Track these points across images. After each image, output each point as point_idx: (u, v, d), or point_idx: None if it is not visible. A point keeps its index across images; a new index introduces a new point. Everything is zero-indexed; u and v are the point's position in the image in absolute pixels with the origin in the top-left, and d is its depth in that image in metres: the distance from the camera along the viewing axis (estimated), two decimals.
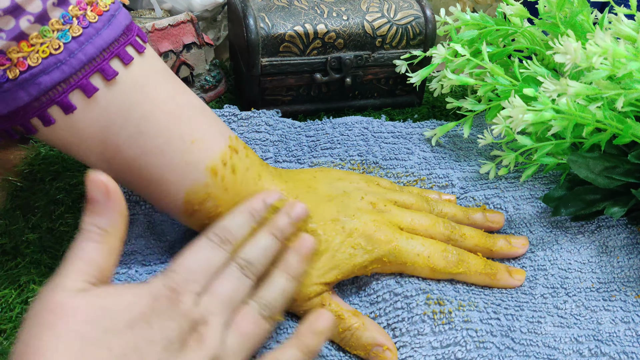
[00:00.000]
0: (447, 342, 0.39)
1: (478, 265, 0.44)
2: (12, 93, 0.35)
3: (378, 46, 0.61)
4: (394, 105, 0.66)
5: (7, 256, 0.45)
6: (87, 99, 0.36)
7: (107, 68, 0.36)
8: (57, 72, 0.35)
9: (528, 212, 0.50)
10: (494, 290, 0.44)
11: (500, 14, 0.57)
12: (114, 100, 0.37)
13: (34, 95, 0.35)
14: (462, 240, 0.45)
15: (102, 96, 0.37)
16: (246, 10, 0.58)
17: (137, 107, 0.38)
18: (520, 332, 0.40)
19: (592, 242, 0.47)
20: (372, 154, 0.55)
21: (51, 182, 0.52)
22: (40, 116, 0.36)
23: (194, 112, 0.40)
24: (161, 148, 0.38)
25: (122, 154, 0.38)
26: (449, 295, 0.42)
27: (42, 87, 0.35)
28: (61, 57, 0.35)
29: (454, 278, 0.44)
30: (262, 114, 0.58)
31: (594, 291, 0.44)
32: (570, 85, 0.44)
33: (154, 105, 0.38)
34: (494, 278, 0.44)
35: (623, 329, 0.41)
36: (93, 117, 0.37)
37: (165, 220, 0.48)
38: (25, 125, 0.37)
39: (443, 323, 0.40)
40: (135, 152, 0.38)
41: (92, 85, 0.36)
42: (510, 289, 0.44)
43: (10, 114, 0.36)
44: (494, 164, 0.53)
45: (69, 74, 0.35)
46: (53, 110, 0.36)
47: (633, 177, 0.46)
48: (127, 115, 0.37)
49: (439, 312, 0.40)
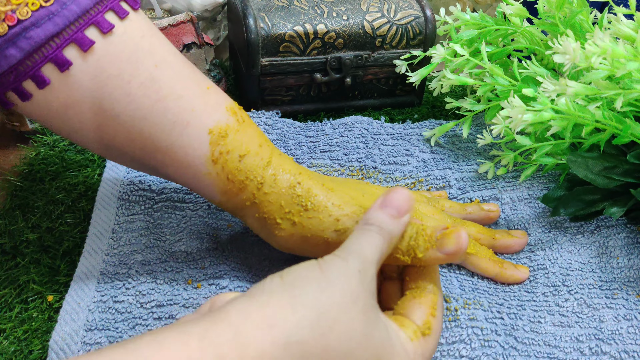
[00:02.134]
0: (452, 339, 0.39)
1: (487, 252, 0.45)
2: (3, 51, 0.33)
3: (378, 46, 0.61)
4: (394, 105, 0.66)
5: (7, 256, 0.46)
6: (84, 54, 0.35)
7: (102, 20, 0.35)
8: (50, 24, 0.33)
9: (527, 212, 0.50)
10: (498, 289, 0.44)
11: (500, 13, 0.57)
12: (119, 50, 0.36)
13: (26, 50, 0.33)
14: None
15: (101, 49, 0.35)
16: (246, 10, 0.58)
17: (148, 55, 0.37)
18: (523, 330, 0.41)
19: (592, 242, 0.47)
20: (371, 158, 0.56)
21: (51, 182, 0.52)
22: (34, 77, 0.34)
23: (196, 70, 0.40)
24: (179, 93, 0.38)
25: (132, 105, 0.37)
26: (455, 293, 0.43)
27: (34, 42, 0.33)
28: (53, 9, 0.33)
29: (465, 261, 0.45)
30: (261, 114, 0.59)
31: (596, 288, 0.44)
32: (569, 85, 0.45)
33: (166, 54, 0.38)
34: (502, 267, 0.45)
35: (626, 326, 0.41)
36: (90, 73, 0.35)
37: (165, 220, 0.48)
38: (19, 90, 0.35)
39: (450, 320, 0.40)
40: (147, 102, 0.37)
41: (88, 39, 0.35)
42: (513, 286, 0.45)
43: (2, 76, 0.34)
44: (493, 164, 0.53)
45: (62, 26, 0.34)
46: (47, 69, 0.34)
47: (632, 177, 0.46)
48: (137, 63, 0.36)
49: (445, 309, 0.41)
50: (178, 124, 0.38)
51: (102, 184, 0.51)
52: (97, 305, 0.41)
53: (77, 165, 0.54)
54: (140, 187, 0.50)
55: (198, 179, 0.39)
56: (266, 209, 0.40)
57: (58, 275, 0.44)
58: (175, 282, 0.43)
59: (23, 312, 0.42)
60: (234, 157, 0.39)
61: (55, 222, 0.48)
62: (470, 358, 0.38)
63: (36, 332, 0.40)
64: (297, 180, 0.40)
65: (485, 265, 0.45)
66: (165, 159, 0.39)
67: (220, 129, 0.39)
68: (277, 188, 0.40)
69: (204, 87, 0.39)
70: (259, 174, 0.39)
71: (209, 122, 0.38)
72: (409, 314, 0.35)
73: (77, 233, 0.48)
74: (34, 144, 0.57)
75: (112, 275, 0.43)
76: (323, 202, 0.40)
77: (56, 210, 0.49)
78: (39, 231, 0.48)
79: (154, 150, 0.38)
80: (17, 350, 0.39)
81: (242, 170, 0.39)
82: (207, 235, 0.47)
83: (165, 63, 0.38)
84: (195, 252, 0.46)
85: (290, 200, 0.40)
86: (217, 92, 0.40)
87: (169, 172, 0.40)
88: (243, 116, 0.40)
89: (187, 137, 0.38)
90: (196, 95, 0.38)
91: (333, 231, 0.39)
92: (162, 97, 0.37)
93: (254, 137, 0.40)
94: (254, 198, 0.40)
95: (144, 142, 0.38)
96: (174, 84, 0.38)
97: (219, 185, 0.39)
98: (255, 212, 0.40)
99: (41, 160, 0.55)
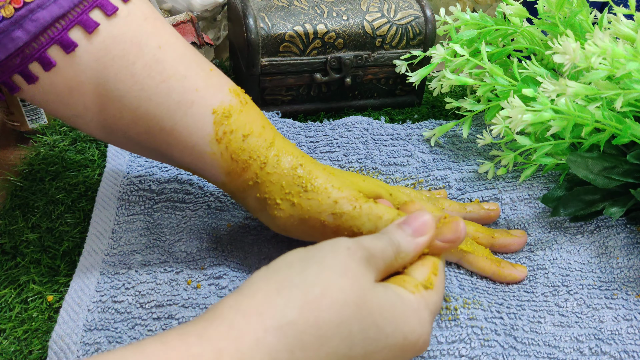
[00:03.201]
0: (452, 338, 0.39)
1: (484, 251, 0.45)
2: (9, 33, 0.34)
3: (378, 46, 0.61)
4: (394, 105, 0.66)
5: (7, 256, 0.46)
6: (89, 35, 0.36)
7: (106, 3, 0.36)
8: (55, 6, 0.34)
9: (526, 212, 0.50)
10: (497, 288, 0.44)
11: (500, 13, 0.57)
12: (122, 31, 0.36)
13: (32, 32, 0.34)
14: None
15: (105, 30, 0.36)
16: (246, 10, 0.58)
17: (151, 37, 0.37)
18: (523, 330, 0.41)
19: (592, 242, 0.47)
20: (371, 158, 0.56)
21: (51, 182, 0.52)
22: (40, 59, 0.35)
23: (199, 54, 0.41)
24: (183, 73, 0.38)
25: (136, 86, 0.37)
26: (455, 292, 0.43)
27: (40, 23, 0.34)
28: None
29: (461, 259, 0.45)
30: None
31: (595, 289, 0.44)
32: (569, 85, 0.45)
33: (169, 36, 0.38)
34: (499, 265, 0.45)
35: (625, 326, 0.41)
36: (95, 54, 0.36)
37: (165, 220, 0.48)
38: (25, 72, 0.35)
39: (449, 319, 0.40)
40: (151, 83, 0.38)
41: (93, 21, 0.35)
42: (513, 286, 0.45)
43: (8, 59, 0.35)
44: (493, 164, 0.53)
45: (67, 8, 0.34)
46: (53, 51, 0.35)
47: (632, 177, 0.46)
48: (140, 45, 0.37)
49: (445, 308, 0.41)
50: (182, 103, 0.38)
51: (102, 184, 0.51)
52: (96, 305, 0.41)
53: (77, 165, 0.54)
54: (140, 187, 0.50)
55: (202, 159, 0.40)
56: (267, 189, 0.40)
57: (58, 275, 0.44)
58: (175, 282, 0.43)
59: (23, 312, 0.42)
60: (237, 137, 0.40)
61: (55, 222, 0.48)
62: (470, 357, 0.38)
63: (36, 332, 0.40)
64: (299, 162, 0.41)
65: (482, 264, 0.45)
66: (170, 139, 0.39)
67: (224, 109, 0.39)
68: (279, 169, 0.40)
69: (207, 69, 0.40)
70: (262, 154, 0.40)
71: (213, 102, 0.39)
72: (410, 273, 0.35)
73: (77, 233, 0.48)
74: (34, 144, 0.57)
75: (112, 276, 0.43)
76: (323, 184, 0.40)
77: (56, 210, 0.49)
78: (39, 231, 0.48)
79: (158, 131, 0.39)
80: (17, 350, 0.39)
81: (246, 150, 0.40)
82: (207, 235, 0.47)
83: (169, 45, 0.38)
84: (195, 252, 0.46)
85: (291, 181, 0.40)
86: (220, 74, 0.41)
87: (173, 154, 0.40)
88: (246, 98, 0.41)
89: (191, 117, 0.39)
90: (200, 76, 0.39)
91: (330, 214, 0.40)
92: (166, 78, 0.38)
93: (257, 118, 0.41)
94: (256, 177, 0.40)
95: (149, 122, 0.38)
96: (177, 64, 0.38)
97: (222, 165, 0.40)
98: (257, 192, 0.41)
99: (41, 160, 0.55)
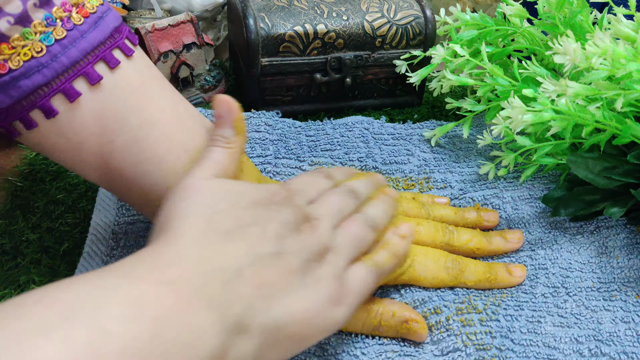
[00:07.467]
0: (447, 349, 0.39)
1: (478, 273, 0.44)
2: None
3: (378, 46, 0.61)
4: (394, 105, 0.66)
5: (7, 256, 0.46)
6: (70, 104, 0.35)
7: (91, 72, 0.35)
8: (39, 75, 0.34)
9: (527, 212, 0.50)
10: (494, 290, 0.44)
11: (500, 14, 0.57)
12: (104, 105, 0.36)
13: (15, 97, 0.34)
14: (460, 246, 0.45)
15: (88, 100, 0.36)
16: (246, 10, 0.58)
17: (134, 113, 0.37)
18: (520, 332, 0.40)
19: (592, 242, 0.47)
20: (372, 157, 0.56)
21: (51, 182, 0.52)
22: (22, 119, 0.35)
23: (193, 121, 0.39)
24: (161, 157, 0.37)
25: (114, 161, 0.37)
26: (447, 300, 0.42)
27: (22, 91, 0.34)
28: (43, 61, 0.34)
29: (454, 286, 0.44)
30: (261, 114, 0.58)
31: (594, 291, 0.44)
32: (569, 85, 0.45)
33: (154, 112, 0.37)
34: (494, 281, 0.44)
35: (623, 328, 0.41)
36: (79, 121, 0.36)
37: None
38: (7, 128, 0.36)
39: (441, 332, 0.40)
40: (129, 162, 0.37)
41: (75, 90, 0.35)
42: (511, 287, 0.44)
43: None
44: (493, 165, 0.53)
45: (50, 77, 0.34)
46: (35, 114, 0.35)
47: (632, 178, 0.47)
48: (123, 121, 0.36)
49: (436, 323, 0.40)
50: (157, 186, 0.38)
51: None
52: None
53: None
54: None
55: None
56: None
57: (58, 275, 0.44)
58: None
59: None
60: None
61: (56, 222, 0.48)
62: None
63: None
64: None
65: (475, 287, 0.44)
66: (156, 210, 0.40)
67: None
68: None
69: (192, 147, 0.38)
70: None
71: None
72: None
73: (77, 233, 0.48)
74: None
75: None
76: None
77: (56, 211, 0.49)
78: (39, 231, 0.48)
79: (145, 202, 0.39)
80: None
81: None
82: None
83: (152, 123, 0.37)
84: None
85: None
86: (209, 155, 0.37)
87: None
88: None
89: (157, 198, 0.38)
90: (180, 160, 0.38)
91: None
92: (143, 160, 0.37)
93: None
94: None
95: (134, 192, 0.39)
96: (157, 146, 0.37)
97: None
98: None
99: (41, 160, 0.55)
